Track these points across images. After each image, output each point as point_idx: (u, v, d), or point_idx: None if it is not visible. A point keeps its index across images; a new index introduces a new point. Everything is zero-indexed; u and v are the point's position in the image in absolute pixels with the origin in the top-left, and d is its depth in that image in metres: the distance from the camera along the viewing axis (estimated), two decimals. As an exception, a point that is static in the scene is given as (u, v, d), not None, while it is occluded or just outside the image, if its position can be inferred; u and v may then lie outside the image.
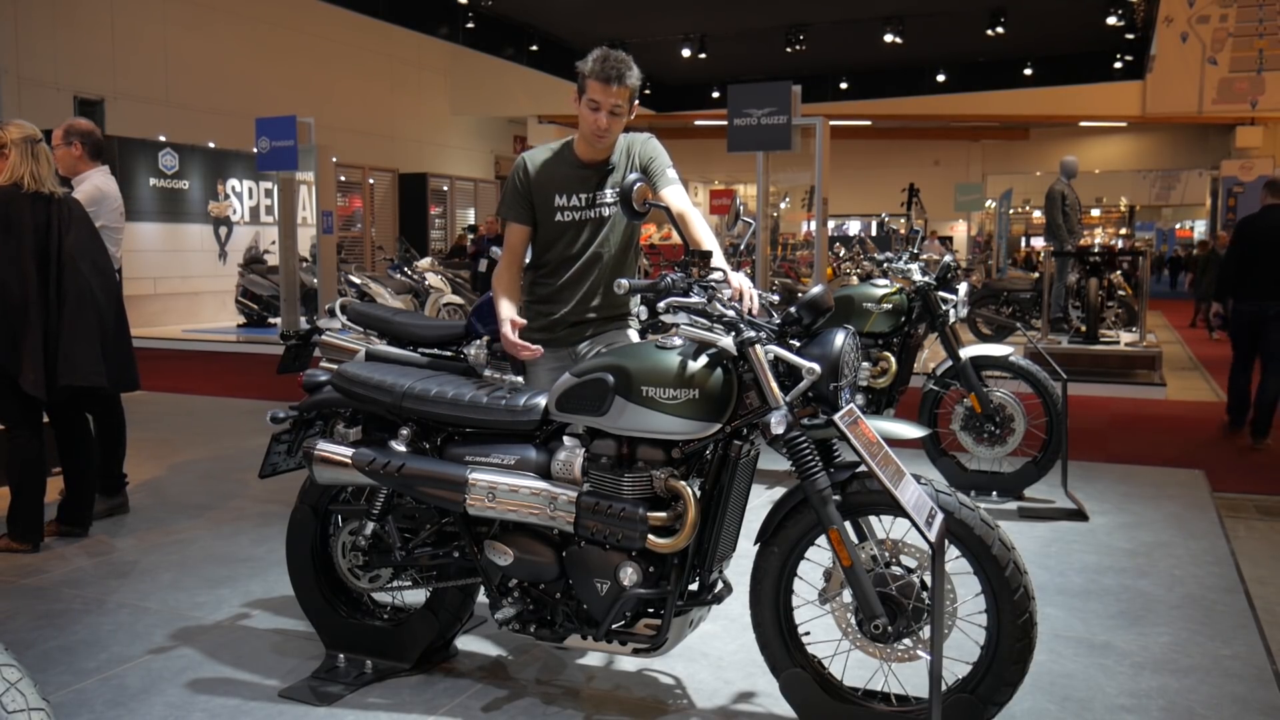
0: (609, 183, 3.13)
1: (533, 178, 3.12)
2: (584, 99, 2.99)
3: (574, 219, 3.12)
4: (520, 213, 3.14)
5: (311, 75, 18.85)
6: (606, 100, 2.96)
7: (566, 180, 3.11)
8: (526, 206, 3.13)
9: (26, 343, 4.08)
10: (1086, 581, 3.94)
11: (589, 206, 3.12)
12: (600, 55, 2.98)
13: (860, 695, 2.62)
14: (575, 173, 3.11)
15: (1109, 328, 10.97)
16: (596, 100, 2.96)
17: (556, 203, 3.10)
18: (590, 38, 22.19)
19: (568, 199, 3.11)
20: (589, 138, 3.04)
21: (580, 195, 3.11)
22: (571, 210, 3.11)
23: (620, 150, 3.15)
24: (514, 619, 2.78)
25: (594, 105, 2.97)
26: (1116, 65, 23.87)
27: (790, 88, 7.80)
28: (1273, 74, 21.33)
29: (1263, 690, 3.00)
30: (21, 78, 14.18)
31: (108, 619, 3.53)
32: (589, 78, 2.97)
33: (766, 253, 8.85)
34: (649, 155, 3.15)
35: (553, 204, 3.11)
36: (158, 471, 5.81)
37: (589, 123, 2.99)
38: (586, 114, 2.99)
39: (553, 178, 3.11)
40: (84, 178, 4.77)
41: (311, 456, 2.93)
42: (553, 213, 3.11)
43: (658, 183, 3.12)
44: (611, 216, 3.14)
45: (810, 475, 2.47)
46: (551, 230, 3.14)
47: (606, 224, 3.15)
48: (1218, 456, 6.38)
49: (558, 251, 3.16)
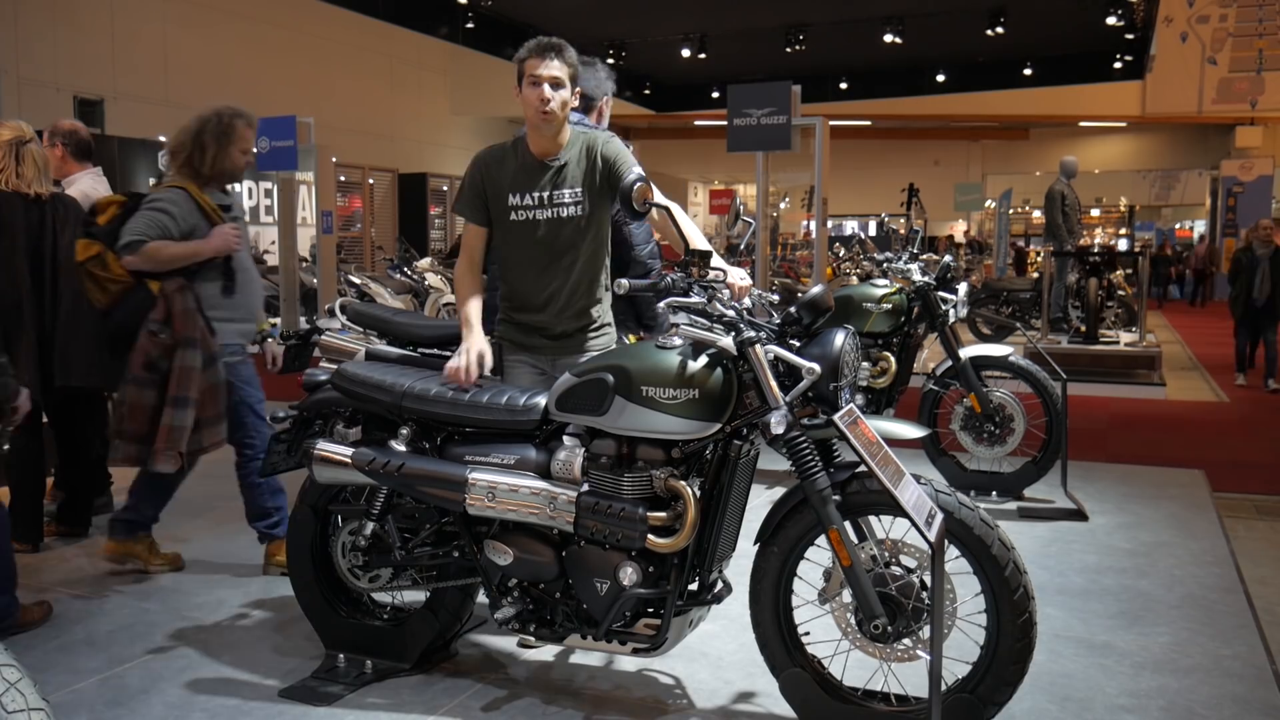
0: (567, 181, 3.04)
1: (486, 176, 3.07)
2: (524, 82, 2.95)
3: (529, 218, 3.05)
4: (475, 213, 3.10)
5: (311, 75, 18.85)
6: (545, 73, 2.91)
7: (519, 178, 3.04)
8: (481, 207, 3.09)
9: (21, 344, 4.07)
10: (1086, 581, 3.94)
11: (544, 205, 3.04)
12: (533, 40, 2.99)
13: (860, 695, 2.62)
14: (528, 170, 3.05)
15: (1109, 328, 10.97)
16: (536, 75, 2.92)
17: (510, 201, 3.05)
18: (590, 38, 22.21)
19: (521, 197, 3.04)
20: (535, 119, 2.96)
21: (533, 194, 3.04)
22: (525, 209, 3.04)
23: (578, 148, 3.06)
24: (514, 619, 2.78)
25: (534, 81, 2.92)
26: (1116, 65, 23.87)
27: (790, 88, 7.80)
28: (1272, 74, 21.33)
29: (1263, 690, 3.00)
30: (21, 78, 14.18)
31: (108, 619, 3.53)
32: (525, 59, 2.95)
33: (766, 253, 8.85)
34: (613, 155, 3.06)
35: (507, 203, 3.05)
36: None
37: (532, 102, 2.93)
38: (529, 94, 2.94)
39: (505, 175, 3.05)
40: (72, 180, 4.68)
41: (311, 456, 2.93)
42: (507, 212, 3.06)
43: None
44: (575, 218, 3.05)
45: (810, 475, 2.48)
46: (508, 230, 3.08)
47: (569, 224, 3.05)
48: (1218, 456, 6.38)
49: (517, 252, 3.10)
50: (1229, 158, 23.38)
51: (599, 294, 3.21)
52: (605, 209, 3.11)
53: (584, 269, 3.13)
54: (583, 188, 3.05)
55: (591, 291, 3.18)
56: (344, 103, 19.44)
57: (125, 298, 3.73)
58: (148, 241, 3.61)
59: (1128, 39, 22.95)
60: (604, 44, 22.43)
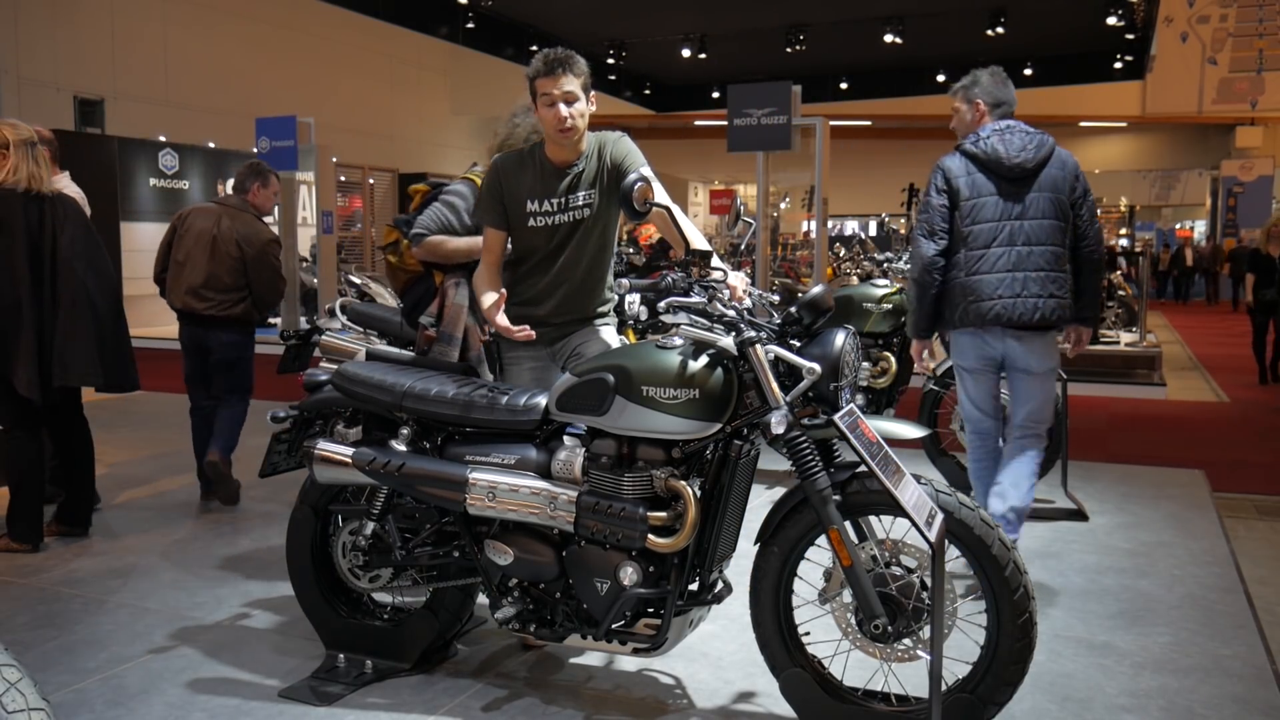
0: (581, 183, 3.09)
1: (505, 184, 3.10)
2: (539, 101, 2.99)
3: (546, 224, 3.09)
4: (495, 218, 3.13)
5: (311, 75, 18.86)
6: (558, 91, 2.94)
7: (537, 186, 3.08)
8: (500, 212, 3.12)
9: (20, 343, 4.07)
10: (1086, 581, 3.94)
11: (561, 210, 3.09)
12: (539, 56, 3.00)
13: (860, 695, 2.62)
14: (546, 177, 3.08)
15: (1109, 328, 10.97)
16: (549, 94, 2.95)
17: (529, 208, 3.08)
18: (590, 38, 22.22)
19: (539, 204, 3.08)
20: (555, 136, 3.01)
21: (551, 200, 3.08)
22: (544, 215, 3.08)
23: (591, 149, 3.11)
24: (514, 619, 2.78)
25: (549, 100, 2.96)
26: (1116, 65, 23.91)
27: (790, 88, 7.81)
28: (1273, 74, 21.35)
29: (1263, 690, 3.00)
30: (21, 78, 14.18)
31: (108, 619, 3.53)
32: (535, 79, 2.98)
33: (766, 253, 8.85)
34: (622, 154, 3.10)
35: (525, 209, 3.08)
36: (158, 471, 5.80)
37: (550, 120, 2.97)
38: (546, 113, 2.98)
39: (524, 183, 3.09)
40: (53, 182, 4.72)
41: (312, 456, 2.93)
42: (525, 218, 3.09)
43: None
44: (585, 220, 3.10)
45: (810, 475, 2.48)
46: (525, 235, 3.12)
47: (580, 227, 3.11)
48: (1218, 456, 6.38)
49: (533, 256, 3.14)
50: (1229, 158, 23.40)
51: (604, 292, 3.24)
52: (613, 208, 3.14)
53: (592, 268, 3.17)
54: (594, 188, 3.09)
55: (597, 290, 3.21)
56: (344, 103, 19.46)
57: (412, 287, 3.79)
58: (428, 235, 3.58)
59: (1128, 39, 22.97)
60: (604, 44, 22.45)
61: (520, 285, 3.18)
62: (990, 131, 3.76)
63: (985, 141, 3.74)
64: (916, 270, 3.74)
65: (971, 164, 3.75)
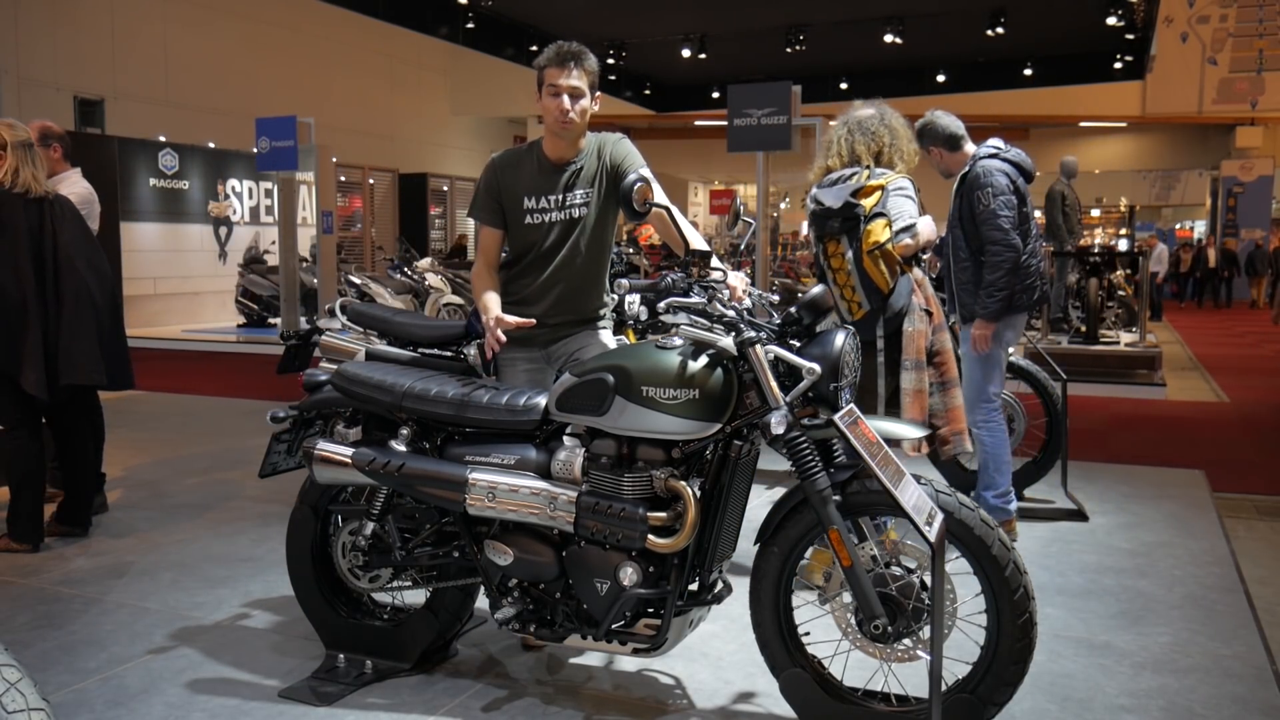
0: (580, 182, 3.09)
1: (501, 181, 3.10)
2: (544, 90, 3.00)
3: (543, 221, 3.09)
4: (491, 216, 3.13)
5: (311, 75, 18.86)
6: (565, 83, 2.96)
7: (534, 183, 3.08)
8: (497, 210, 3.12)
9: (26, 343, 4.08)
10: (1086, 581, 3.94)
11: (558, 208, 3.08)
12: (554, 46, 3.02)
13: (860, 695, 2.62)
14: (543, 174, 3.09)
15: (1109, 328, 10.97)
16: (556, 85, 2.97)
17: (526, 205, 3.08)
18: (590, 38, 22.19)
19: (536, 201, 3.08)
20: (555, 128, 3.01)
21: (549, 197, 3.08)
22: (540, 213, 3.09)
23: (590, 149, 3.12)
24: (514, 619, 2.78)
25: (554, 91, 2.97)
26: (1116, 65, 23.90)
27: (790, 88, 7.80)
28: (1273, 74, 21.35)
29: (1263, 690, 3.00)
30: (21, 78, 14.18)
31: (108, 619, 3.53)
32: (545, 68, 2.99)
33: (766, 253, 8.85)
34: (621, 155, 3.11)
35: (522, 207, 3.09)
36: (158, 471, 5.81)
37: (552, 111, 2.98)
38: (549, 103, 2.99)
39: (521, 180, 3.09)
40: (61, 179, 4.72)
41: (311, 456, 2.93)
42: (522, 215, 3.09)
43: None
44: (583, 218, 3.11)
45: (810, 475, 2.47)
46: (522, 233, 3.12)
47: (578, 226, 3.11)
48: (1218, 456, 6.38)
49: (530, 254, 3.14)
50: (1229, 158, 23.40)
51: (601, 294, 3.23)
52: (611, 208, 3.14)
53: (588, 268, 3.16)
54: (592, 188, 3.09)
55: (593, 291, 3.21)
56: (344, 103, 19.46)
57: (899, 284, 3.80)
58: (914, 224, 3.79)
59: (1128, 39, 22.96)
60: (604, 44, 22.44)
61: (515, 283, 3.18)
62: (997, 146, 4.35)
63: (1008, 152, 4.33)
64: (1011, 260, 4.20)
65: (1013, 169, 4.29)
